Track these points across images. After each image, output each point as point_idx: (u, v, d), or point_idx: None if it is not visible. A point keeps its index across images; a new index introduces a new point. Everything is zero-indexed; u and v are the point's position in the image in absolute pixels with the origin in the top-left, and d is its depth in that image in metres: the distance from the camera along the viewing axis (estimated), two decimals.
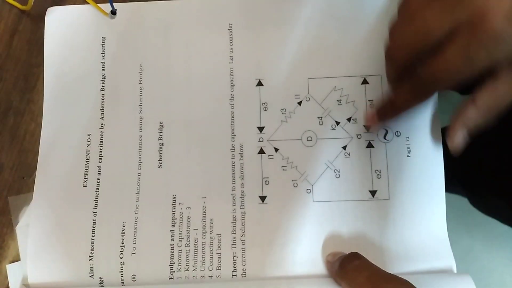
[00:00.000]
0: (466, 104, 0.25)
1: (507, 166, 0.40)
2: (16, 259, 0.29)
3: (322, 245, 0.29)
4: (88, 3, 0.32)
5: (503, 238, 0.84)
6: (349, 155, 0.30)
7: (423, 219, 0.29)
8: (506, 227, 0.49)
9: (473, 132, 0.25)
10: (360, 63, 0.30)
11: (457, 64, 0.22)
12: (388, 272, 0.24)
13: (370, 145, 0.30)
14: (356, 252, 0.27)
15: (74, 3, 0.32)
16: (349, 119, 0.30)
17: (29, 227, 0.29)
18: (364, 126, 0.30)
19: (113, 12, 0.32)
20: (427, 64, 0.23)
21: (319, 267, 0.28)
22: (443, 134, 0.29)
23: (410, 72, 0.25)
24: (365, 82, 0.30)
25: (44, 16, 0.32)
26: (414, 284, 0.23)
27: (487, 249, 0.84)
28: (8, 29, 0.32)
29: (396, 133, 0.30)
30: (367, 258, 0.26)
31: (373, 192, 0.29)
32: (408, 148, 0.29)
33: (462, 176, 0.49)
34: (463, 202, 0.53)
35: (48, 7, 0.32)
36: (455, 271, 0.28)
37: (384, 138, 0.30)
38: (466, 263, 0.81)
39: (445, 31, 0.22)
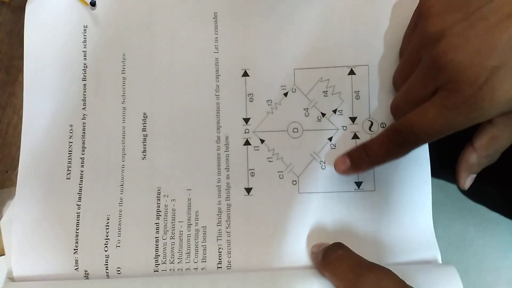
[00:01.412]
0: (467, 150, 0.26)
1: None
2: (1, 253, 0.29)
3: (308, 237, 0.29)
4: None
5: (495, 224, 0.84)
6: (335, 146, 0.29)
7: (409, 210, 0.29)
8: (497, 214, 0.49)
9: (478, 171, 0.27)
10: (347, 53, 0.30)
11: (434, 124, 0.24)
12: (371, 261, 0.24)
13: (355, 137, 0.29)
14: (339, 242, 0.27)
15: None
16: (334, 111, 0.30)
17: (13, 221, 0.29)
18: (350, 117, 0.30)
19: (93, 4, 0.31)
20: (406, 118, 0.25)
21: (304, 259, 0.28)
22: None
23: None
24: (351, 72, 0.30)
25: (24, 6, 0.31)
26: (398, 275, 0.23)
27: (480, 235, 0.85)
28: None
29: (381, 124, 0.29)
30: (352, 249, 0.26)
31: (358, 184, 0.29)
32: None
33: (451, 162, 0.49)
34: (456, 188, 0.53)
35: None
36: (440, 262, 0.28)
37: (370, 129, 0.29)
38: (459, 249, 0.82)
39: (428, 92, 0.24)
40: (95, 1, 0.31)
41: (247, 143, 0.30)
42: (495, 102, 0.22)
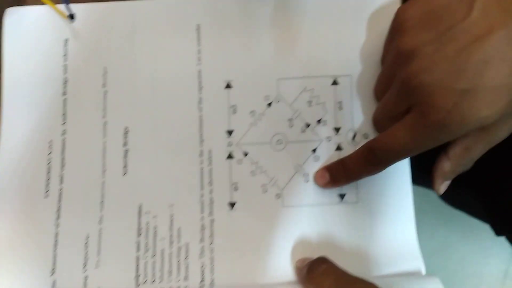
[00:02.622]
0: (441, 158, 0.26)
1: (477, 161, 0.40)
2: None
3: (292, 251, 0.28)
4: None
5: (477, 230, 0.85)
6: (319, 158, 0.29)
7: (392, 222, 0.29)
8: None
9: (453, 177, 0.27)
10: (330, 63, 0.30)
11: (405, 145, 0.24)
12: (356, 276, 0.24)
13: (339, 148, 0.29)
14: (323, 257, 0.26)
15: (35, 4, 0.31)
16: (319, 121, 0.30)
17: None
18: (334, 128, 0.29)
19: (71, 16, 0.30)
20: (379, 138, 0.26)
21: (289, 274, 0.28)
22: None
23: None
24: (334, 83, 0.30)
25: (1, 16, 0.30)
26: (381, 287, 0.23)
27: (463, 241, 0.86)
28: None
29: (365, 135, 0.29)
30: (337, 262, 0.26)
31: (342, 196, 0.29)
32: None
33: (429, 169, 0.50)
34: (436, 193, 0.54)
35: (6, 8, 0.30)
36: (424, 273, 0.28)
37: (353, 140, 0.29)
38: (442, 256, 0.82)
39: (401, 109, 0.25)
40: (73, 14, 0.30)
41: (230, 156, 0.29)
42: (464, 124, 0.22)
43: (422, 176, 0.38)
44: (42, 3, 0.31)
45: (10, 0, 0.31)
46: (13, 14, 0.31)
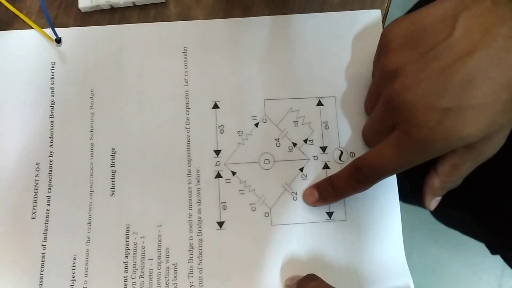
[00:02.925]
0: (430, 175, 0.27)
1: (468, 179, 0.41)
2: None
3: (281, 269, 0.28)
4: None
5: (469, 246, 0.86)
6: (306, 177, 0.30)
7: (380, 239, 0.29)
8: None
9: (443, 193, 0.27)
10: (314, 85, 0.31)
11: (391, 163, 0.24)
12: None
13: (326, 166, 0.30)
14: (312, 274, 0.26)
15: (22, 28, 0.31)
16: (305, 141, 0.30)
17: None
18: (320, 147, 0.30)
19: (58, 41, 0.31)
20: (365, 156, 0.26)
21: None
22: None
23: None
24: (319, 103, 0.30)
25: None
26: None
27: (454, 258, 0.86)
28: None
29: (351, 154, 0.30)
30: (326, 279, 0.26)
31: (330, 214, 0.29)
32: None
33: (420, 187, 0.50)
34: (430, 212, 0.54)
35: None
36: None
37: (340, 159, 0.30)
38: (434, 273, 0.82)
39: (387, 127, 0.25)
40: (60, 38, 0.31)
41: (218, 175, 0.30)
42: (449, 141, 0.22)
43: (411, 194, 0.39)
44: (30, 27, 0.31)
45: None
46: (1, 38, 0.31)
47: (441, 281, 0.82)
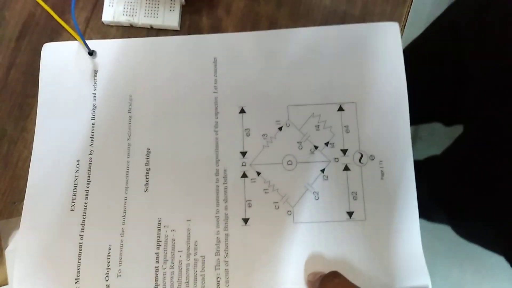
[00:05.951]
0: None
1: (488, 190, 0.41)
2: (5, 283, 0.30)
3: (304, 265, 0.29)
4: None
5: (493, 269, 0.84)
6: (327, 178, 0.31)
7: (399, 238, 0.30)
8: (495, 258, 0.49)
9: None
10: (336, 92, 0.33)
11: None
12: None
13: (346, 168, 0.31)
14: (335, 271, 0.27)
15: (69, 39, 0.35)
16: (326, 144, 0.32)
17: (16, 251, 0.30)
18: (341, 150, 0.32)
19: (90, 53, 0.34)
20: None
21: (301, 287, 0.29)
22: (416, 162, 0.31)
23: None
24: (340, 109, 0.32)
25: (39, 50, 0.34)
26: None
27: (478, 281, 0.84)
28: (6, 62, 0.34)
29: (371, 156, 0.31)
30: (347, 277, 0.27)
31: (350, 213, 0.30)
32: (381, 171, 0.31)
33: (444, 203, 0.51)
34: (452, 234, 0.54)
35: (44, 43, 0.34)
36: None
37: (360, 161, 0.31)
38: None
39: None
40: (93, 51, 0.34)
41: (244, 175, 0.31)
42: None
43: (432, 210, 0.39)
44: (75, 39, 0.34)
45: (47, 36, 0.35)
46: (49, 48, 0.34)
47: None
